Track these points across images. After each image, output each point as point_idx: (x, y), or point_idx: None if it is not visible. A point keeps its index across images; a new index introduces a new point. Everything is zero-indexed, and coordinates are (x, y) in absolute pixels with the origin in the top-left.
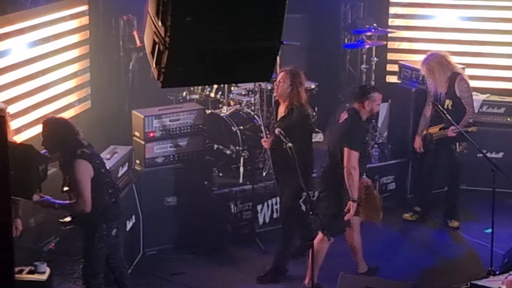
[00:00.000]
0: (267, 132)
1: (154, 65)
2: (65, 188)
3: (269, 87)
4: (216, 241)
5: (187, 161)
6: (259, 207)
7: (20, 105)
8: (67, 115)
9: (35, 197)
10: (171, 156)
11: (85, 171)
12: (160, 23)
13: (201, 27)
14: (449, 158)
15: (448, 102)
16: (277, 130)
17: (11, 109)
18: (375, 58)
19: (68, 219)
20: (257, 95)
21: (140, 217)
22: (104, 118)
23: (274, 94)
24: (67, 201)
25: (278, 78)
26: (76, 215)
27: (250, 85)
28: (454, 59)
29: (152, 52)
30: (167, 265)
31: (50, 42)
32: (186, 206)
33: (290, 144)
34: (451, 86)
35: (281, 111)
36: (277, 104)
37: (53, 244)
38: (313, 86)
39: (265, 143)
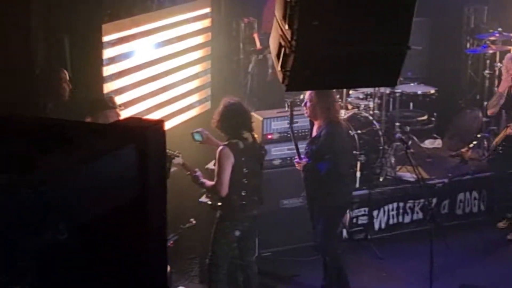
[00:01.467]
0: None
1: (279, 68)
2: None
3: (388, 91)
4: None
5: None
6: (375, 213)
7: (144, 105)
8: (187, 115)
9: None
10: (288, 158)
11: (225, 158)
12: (286, 27)
13: (328, 30)
14: None
15: None
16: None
17: (135, 109)
18: (499, 64)
19: (204, 199)
20: (375, 99)
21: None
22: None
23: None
24: (210, 182)
25: (306, 97)
26: (213, 202)
27: (368, 89)
28: None
29: (278, 55)
30: (282, 267)
31: (174, 43)
32: (302, 209)
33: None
34: None
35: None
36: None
37: (172, 242)
38: (432, 91)
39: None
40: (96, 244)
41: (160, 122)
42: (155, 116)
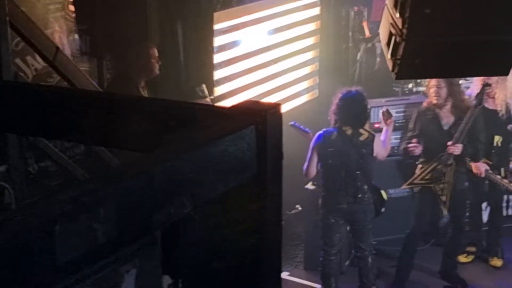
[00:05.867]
0: None
1: (389, 56)
2: None
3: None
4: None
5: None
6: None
7: (253, 92)
8: (295, 103)
9: None
10: (396, 148)
11: (313, 144)
12: (398, 15)
13: (440, 19)
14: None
15: None
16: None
17: (244, 96)
18: None
19: (310, 186)
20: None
21: None
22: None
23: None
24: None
25: (433, 82)
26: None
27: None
28: None
29: (388, 44)
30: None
31: (283, 31)
32: (408, 198)
33: None
34: None
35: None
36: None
37: None
38: None
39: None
40: (216, 221)
41: (277, 105)
42: None
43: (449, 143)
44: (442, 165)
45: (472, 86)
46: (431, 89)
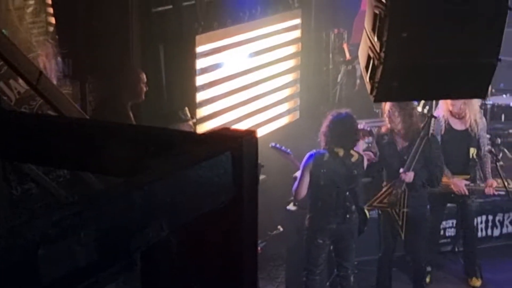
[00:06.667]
0: None
1: (367, 79)
2: None
3: (478, 103)
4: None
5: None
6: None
7: (235, 113)
8: (276, 124)
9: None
10: None
11: (306, 165)
12: (376, 39)
13: (417, 42)
14: None
15: None
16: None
17: (226, 118)
18: None
19: (291, 207)
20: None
21: None
22: (312, 129)
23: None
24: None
25: (387, 109)
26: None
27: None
28: None
29: (367, 67)
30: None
31: (264, 54)
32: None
33: None
34: None
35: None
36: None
37: (260, 248)
38: None
39: None
40: (193, 244)
41: (252, 132)
42: (245, 125)
43: (401, 170)
44: (396, 191)
45: (438, 108)
46: (384, 113)
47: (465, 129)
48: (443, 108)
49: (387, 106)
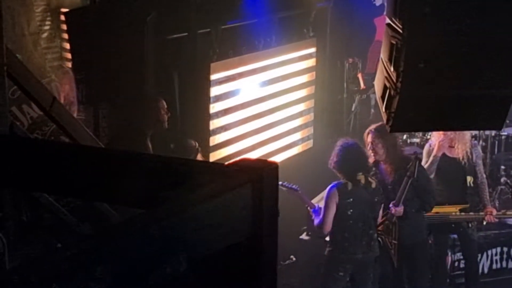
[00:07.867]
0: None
1: (383, 110)
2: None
3: (493, 134)
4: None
5: None
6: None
7: (248, 141)
8: (290, 153)
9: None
10: None
11: (331, 197)
12: (392, 69)
13: (434, 73)
14: None
15: None
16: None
17: (240, 146)
18: None
19: (304, 236)
20: (480, 142)
21: None
22: (325, 158)
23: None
24: (318, 216)
25: (368, 140)
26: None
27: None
28: None
29: (383, 97)
30: None
31: (279, 82)
32: None
33: None
34: None
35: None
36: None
37: None
38: None
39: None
40: (210, 279)
41: (273, 163)
42: (258, 153)
43: (391, 204)
44: (388, 221)
45: (432, 138)
46: (367, 146)
47: (458, 157)
48: (436, 136)
49: (369, 138)
